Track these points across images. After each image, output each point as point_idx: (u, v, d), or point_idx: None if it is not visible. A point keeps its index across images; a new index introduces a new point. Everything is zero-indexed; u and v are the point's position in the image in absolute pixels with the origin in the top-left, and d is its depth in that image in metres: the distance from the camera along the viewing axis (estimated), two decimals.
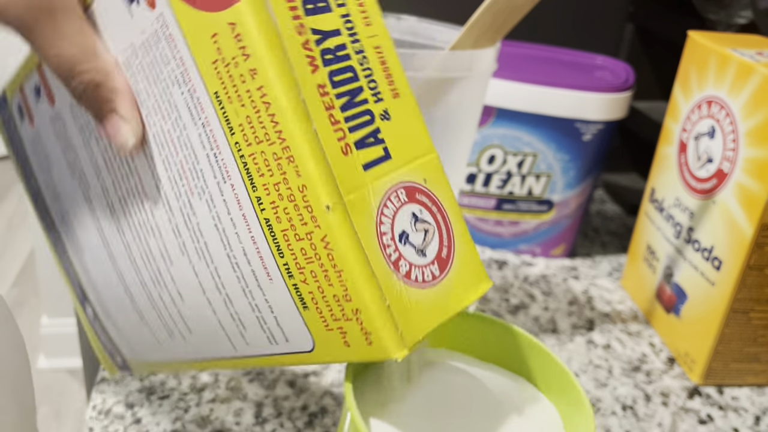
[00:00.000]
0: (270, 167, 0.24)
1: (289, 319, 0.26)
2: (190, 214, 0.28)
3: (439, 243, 0.26)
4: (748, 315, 0.48)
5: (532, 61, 0.64)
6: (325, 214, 0.24)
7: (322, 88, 0.24)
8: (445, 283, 0.26)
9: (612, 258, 0.67)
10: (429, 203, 0.26)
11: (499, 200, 0.63)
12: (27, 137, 0.36)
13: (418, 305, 0.25)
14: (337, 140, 0.24)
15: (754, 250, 0.45)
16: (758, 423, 0.47)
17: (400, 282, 0.24)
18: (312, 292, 0.25)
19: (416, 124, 0.27)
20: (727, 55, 0.47)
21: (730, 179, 0.47)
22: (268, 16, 0.23)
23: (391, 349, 0.24)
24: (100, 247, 0.33)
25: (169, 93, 0.27)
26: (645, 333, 0.56)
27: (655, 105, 0.77)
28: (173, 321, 0.32)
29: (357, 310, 0.24)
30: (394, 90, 0.27)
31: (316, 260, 0.24)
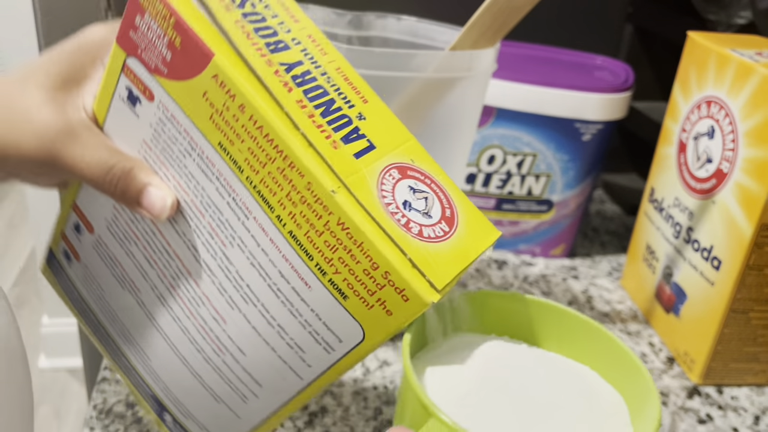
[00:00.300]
0: (279, 182, 0.28)
1: (335, 317, 0.29)
2: (228, 266, 0.31)
3: (441, 206, 0.29)
4: (748, 315, 0.48)
5: (531, 62, 0.64)
6: (333, 199, 0.26)
7: (300, 103, 0.28)
8: (456, 236, 0.28)
9: (611, 258, 0.67)
10: (421, 177, 0.29)
11: (498, 200, 0.63)
12: (77, 275, 0.39)
13: (437, 256, 0.27)
14: (325, 138, 0.27)
15: (754, 250, 0.45)
16: (757, 423, 0.48)
17: (416, 240, 0.27)
18: (346, 278, 0.27)
19: (390, 120, 0.30)
20: (726, 55, 0.48)
21: (730, 179, 0.47)
22: (239, 58, 0.28)
23: (425, 295, 0.26)
24: (161, 344, 0.36)
25: (183, 166, 0.30)
26: (644, 333, 0.56)
27: (655, 105, 0.77)
28: (242, 382, 0.33)
29: (386, 273, 0.26)
30: (362, 97, 0.30)
31: (339, 246, 0.27)
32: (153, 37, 0.29)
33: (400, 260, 0.26)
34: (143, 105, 0.31)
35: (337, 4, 0.49)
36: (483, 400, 0.31)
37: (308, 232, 0.28)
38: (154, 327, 0.36)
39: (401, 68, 0.40)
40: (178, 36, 0.28)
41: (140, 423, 0.43)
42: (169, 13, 0.28)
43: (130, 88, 0.31)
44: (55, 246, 0.40)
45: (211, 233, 0.31)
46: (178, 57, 0.28)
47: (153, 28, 0.29)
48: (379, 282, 0.27)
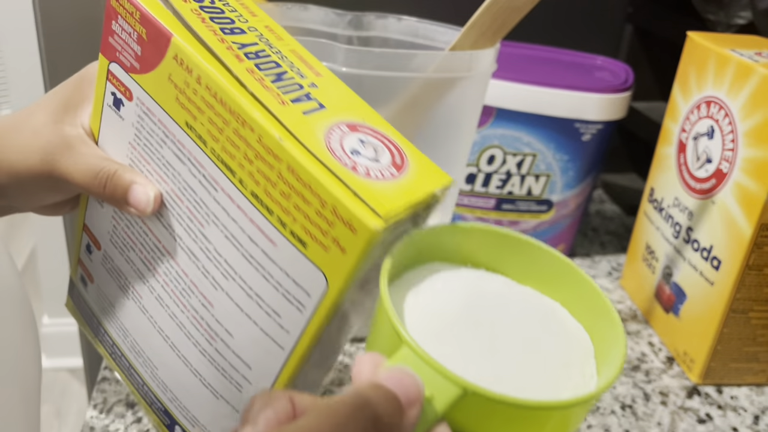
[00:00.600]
0: (235, 144, 0.29)
1: (300, 270, 0.30)
2: (207, 246, 0.32)
3: (391, 155, 0.30)
4: (747, 315, 0.48)
5: (531, 62, 0.64)
6: (281, 146, 0.28)
7: (250, 71, 0.30)
8: (405, 177, 0.29)
9: (611, 258, 0.67)
10: (372, 133, 0.30)
11: (498, 200, 0.63)
12: (92, 299, 0.41)
13: (384, 192, 0.28)
14: (274, 98, 0.29)
15: (753, 249, 0.45)
16: (757, 422, 0.48)
17: (362, 178, 0.28)
18: (303, 225, 0.29)
19: (344, 90, 0.32)
20: (726, 55, 0.48)
21: (729, 179, 0.47)
22: (194, 37, 0.31)
23: (369, 222, 0.27)
24: (164, 347, 0.37)
25: (161, 156, 0.33)
26: (644, 332, 0.56)
27: (655, 105, 0.77)
28: (234, 368, 0.34)
29: (334, 209, 0.27)
30: (316, 72, 0.32)
31: (293, 192, 0.28)
32: (126, 37, 0.32)
33: (345, 193, 0.27)
34: (125, 106, 0.34)
35: (337, 5, 0.49)
36: (455, 330, 0.31)
37: (266, 186, 0.29)
38: (156, 330, 0.37)
39: (401, 68, 0.40)
40: (144, 28, 0.31)
41: (140, 423, 0.43)
42: (135, 9, 0.31)
43: (114, 92, 0.34)
44: (74, 274, 0.42)
45: (190, 217, 0.33)
46: (147, 49, 0.31)
47: (125, 29, 0.32)
48: (330, 219, 0.28)
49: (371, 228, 0.27)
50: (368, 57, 0.39)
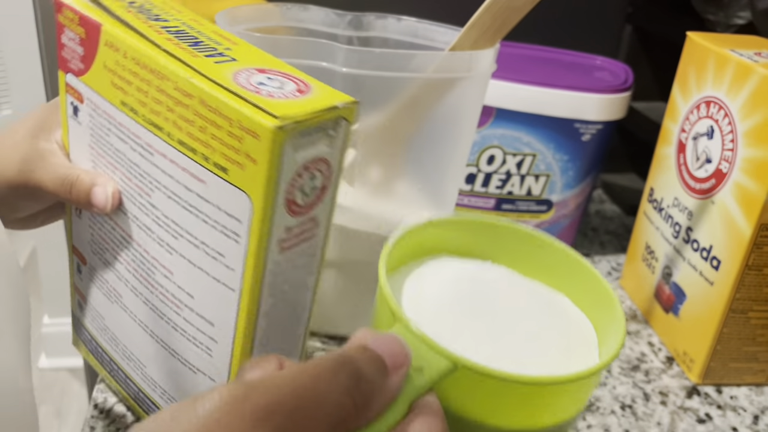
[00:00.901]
0: (158, 100, 0.32)
1: (228, 199, 0.31)
2: (156, 213, 0.35)
3: (296, 85, 0.31)
4: (747, 315, 0.48)
5: (531, 62, 0.64)
6: (191, 83, 0.30)
7: (169, 40, 0.33)
8: (308, 97, 0.31)
9: (611, 258, 0.67)
10: (280, 74, 0.32)
11: (498, 200, 0.63)
12: (88, 321, 0.43)
13: (285, 104, 0.30)
14: (188, 54, 0.32)
15: (753, 249, 0.46)
16: (756, 422, 0.48)
17: (265, 97, 0.30)
18: (221, 152, 0.31)
19: (260, 53, 0.34)
20: (725, 55, 0.48)
21: (729, 179, 0.47)
22: (121, 23, 0.34)
23: (268, 124, 0.28)
24: (144, 337, 0.39)
25: (110, 145, 0.36)
26: (644, 332, 0.56)
27: (654, 105, 0.77)
28: (202, 332, 0.35)
29: (240, 123, 0.29)
30: (232, 42, 0.34)
31: (208, 123, 0.30)
32: (72, 44, 0.36)
33: (247, 107, 0.29)
34: (80, 110, 0.37)
35: (337, 5, 0.50)
36: (454, 315, 0.31)
37: (187, 129, 0.31)
38: (137, 325, 0.39)
39: (401, 68, 0.40)
40: (82, 29, 0.35)
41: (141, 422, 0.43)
42: (74, 14, 0.35)
43: (72, 102, 0.37)
44: (74, 305, 0.44)
45: (140, 193, 0.35)
46: (86, 46, 0.35)
47: (71, 37, 0.36)
48: (239, 135, 0.30)
49: (270, 128, 0.28)
50: (368, 57, 0.39)
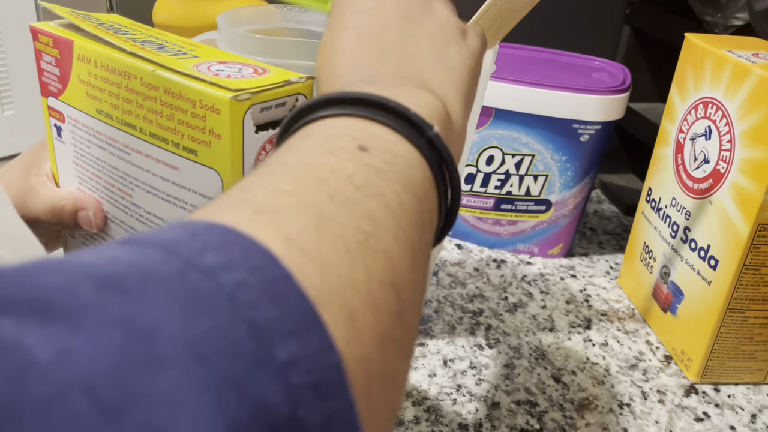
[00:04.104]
0: (128, 99, 0.34)
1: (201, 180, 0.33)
2: (138, 212, 0.37)
3: (253, 70, 0.33)
4: (745, 314, 0.48)
5: (530, 63, 0.64)
6: (155, 75, 0.32)
7: (136, 46, 0.34)
8: (266, 75, 0.32)
9: (609, 257, 0.68)
10: (238, 64, 0.34)
11: (497, 200, 0.64)
12: None
13: (244, 82, 0.31)
14: (152, 54, 0.33)
15: (750, 249, 0.46)
16: (754, 421, 0.48)
17: (224, 79, 0.31)
18: (189, 135, 0.32)
19: (220, 52, 0.36)
20: (723, 56, 0.48)
21: (726, 179, 0.47)
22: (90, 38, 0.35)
23: (226, 97, 0.30)
24: None
25: (91, 155, 0.38)
26: (642, 331, 0.56)
27: (652, 106, 0.78)
28: None
29: (201, 101, 0.31)
30: (196, 46, 0.36)
31: (174, 109, 0.32)
32: (50, 68, 0.37)
33: (207, 86, 0.31)
34: (63, 130, 0.39)
35: None
36: None
37: (157, 120, 0.33)
38: None
39: None
40: (57, 50, 0.36)
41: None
42: (49, 38, 0.36)
43: (55, 123, 0.39)
44: None
45: (123, 195, 0.37)
46: (62, 65, 0.36)
47: (48, 60, 0.37)
48: (202, 114, 0.31)
49: (228, 99, 0.30)
50: None
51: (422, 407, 0.46)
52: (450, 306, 0.57)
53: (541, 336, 0.55)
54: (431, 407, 0.46)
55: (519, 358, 0.52)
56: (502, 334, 0.54)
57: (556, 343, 0.54)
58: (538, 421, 0.46)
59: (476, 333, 0.54)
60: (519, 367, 0.51)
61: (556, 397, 0.48)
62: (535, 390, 0.49)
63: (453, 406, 0.46)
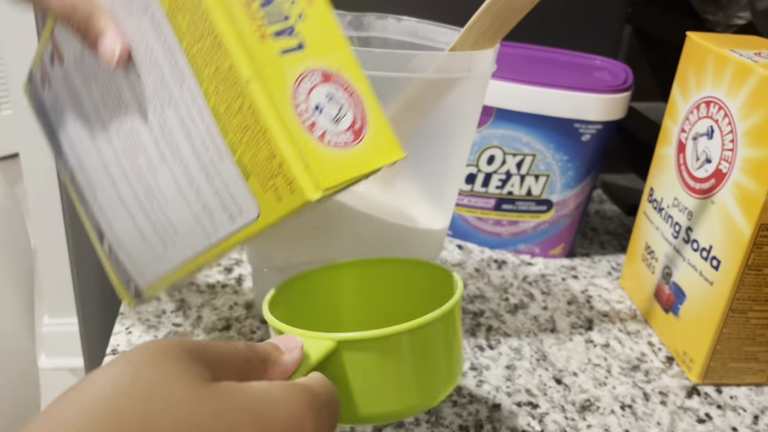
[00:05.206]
0: (208, 58, 0.30)
1: (239, 192, 0.32)
2: (164, 124, 0.34)
3: (353, 117, 0.30)
4: (747, 314, 0.48)
5: (531, 62, 0.64)
6: (247, 85, 0.29)
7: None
8: (358, 148, 0.30)
9: (611, 258, 0.67)
10: (342, 87, 0.30)
11: (498, 200, 0.63)
12: (48, 101, 0.44)
13: (332, 161, 0.29)
14: (256, 29, 0.29)
15: (753, 249, 0.46)
16: (756, 422, 0.48)
17: (315, 141, 0.29)
18: (252, 159, 0.30)
19: (330, 24, 0.31)
20: (725, 55, 0.48)
21: (729, 179, 0.47)
22: None
23: (308, 191, 0.29)
24: (106, 178, 0.40)
25: (140, 21, 0.33)
26: (643, 332, 0.56)
27: (654, 106, 0.77)
28: (164, 227, 0.38)
29: (280, 164, 0.29)
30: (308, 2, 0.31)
31: (248, 129, 0.29)
32: None
33: (294, 154, 0.28)
34: None
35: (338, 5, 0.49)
36: None
37: (227, 109, 0.30)
38: (101, 164, 0.41)
39: (401, 69, 0.40)
40: None
41: None
42: None
43: None
44: (35, 68, 0.44)
45: (154, 91, 0.34)
46: None
47: None
48: (275, 170, 0.29)
49: (307, 196, 0.29)
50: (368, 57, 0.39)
51: None
52: None
53: (543, 337, 0.54)
54: (431, 409, 0.46)
55: (520, 359, 0.51)
56: (503, 335, 0.54)
57: (558, 344, 0.54)
58: (539, 423, 0.45)
59: (477, 334, 0.54)
60: (520, 369, 0.50)
61: (558, 399, 0.48)
62: (537, 391, 0.48)
63: (453, 407, 0.46)
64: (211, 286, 0.56)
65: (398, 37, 0.49)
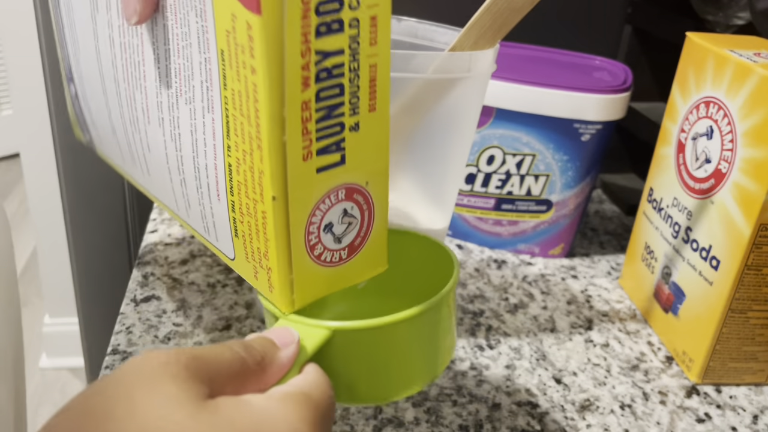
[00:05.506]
0: (243, 137, 0.27)
1: (223, 231, 0.31)
2: (174, 106, 0.31)
3: (357, 234, 0.30)
4: (746, 314, 0.48)
5: (530, 62, 0.64)
6: (270, 201, 0.27)
7: (306, 104, 0.26)
8: (348, 264, 0.31)
9: (610, 257, 0.67)
10: (362, 201, 0.30)
11: (498, 200, 0.63)
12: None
13: (317, 278, 0.30)
14: (302, 148, 0.27)
15: (752, 249, 0.46)
16: (756, 422, 0.48)
17: (310, 261, 0.29)
18: (244, 233, 0.30)
19: (381, 136, 0.29)
20: (724, 56, 0.48)
21: (728, 179, 0.47)
22: (279, 39, 0.24)
23: (282, 307, 0.30)
24: (93, 56, 0.37)
25: (186, 12, 0.29)
26: (643, 332, 0.56)
27: (653, 106, 0.77)
28: (138, 158, 0.36)
29: (270, 269, 0.29)
30: (372, 104, 0.28)
31: (253, 219, 0.29)
32: None
33: (284, 274, 0.29)
34: None
35: None
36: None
37: (241, 183, 0.29)
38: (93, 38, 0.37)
39: (401, 69, 0.40)
40: None
41: None
42: None
43: None
44: None
45: (176, 72, 0.31)
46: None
47: None
48: (263, 264, 0.30)
49: (281, 308, 0.30)
50: None
51: (422, 408, 0.46)
52: None
53: (542, 337, 0.54)
54: (431, 408, 0.46)
55: (520, 359, 0.52)
56: (503, 335, 0.54)
57: (557, 344, 0.54)
58: (539, 422, 0.45)
59: (477, 334, 0.54)
60: (520, 368, 0.50)
61: (557, 398, 0.48)
62: (536, 391, 0.48)
63: (453, 407, 0.46)
64: (211, 285, 0.56)
65: (398, 37, 0.49)
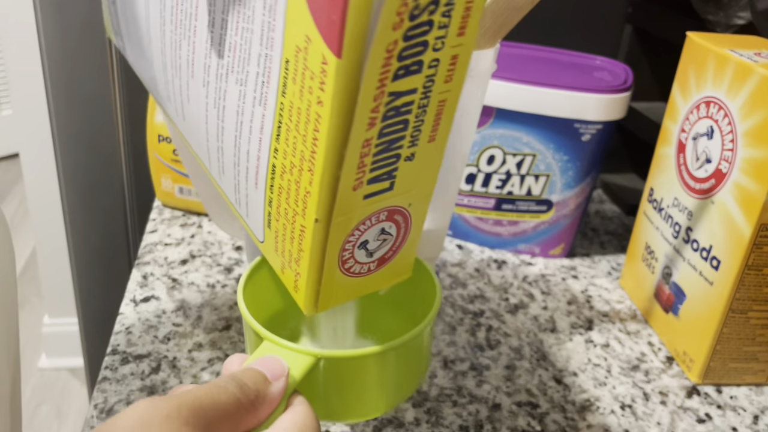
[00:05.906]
0: (294, 151, 0.26)
1: (255, 215, 0.31)
2: (223, 78, 0.29)
3: (389, 248, 0.30)
4: (747, 315, 0.48)
5: (531, 62, 0.64)
6: (312, 221, 0.26)
7: (367, 142, 0.25)
8: (375, 274, 0.30)
9: (611, 258, 0.67)
10: (401, 221, 0.29)
11: (498, 200, 0.63)
12: None
13: (343, 286, 0.30)
14: (354, 179, 0.26)
15: (753, 249, 0.46)
16: (756, 422, 0.48)
17: (340, 273, 0.29)
18: (277, 230, 0.29)
19: (434, 163, 0.28)
20: (725, 55, 0.48)
21: (729, 179, 0.47)
22: (355, 83, 0.23)
23: (305, 309, 0.30)
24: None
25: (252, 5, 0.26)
26: (643, 332, 0.56)
27: (654, 106, 0.77)
28: (175, 101, 0.34)
29: (298, 274, 0.29)
30: (432, 136, 0.27)
31: (290, 225, 0.28)
32: None
33: (312, 283, 0.29)
34: None
35: None
36: None
37: (282, 188, 0.27)
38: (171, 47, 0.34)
39: None
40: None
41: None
42: None
43: None
44: None
45: (231, 48, 0.28)
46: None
47: None
48: (291, 264, 0.29)
49: (304, 310, 0.30)
50: None
51: (422, 409, 0.46)
52: (450, 307, 0.57)
53: (543, 337, 0.54)
54: (431, 409, 0.46)
55: (520, 359, 0.51)
56: (503, 335, 0.54)
57: (558, 344, 0.54)
58: (539, 423, 0.45)
59: (477, 334, 0.54)
60: (520, 369, 0.50)
61: (558, 399, 0.48)
62: (537, 391, 0.48)
63: (453, 407, 0.46)
64: (211, 286, 0.56)
65: None
